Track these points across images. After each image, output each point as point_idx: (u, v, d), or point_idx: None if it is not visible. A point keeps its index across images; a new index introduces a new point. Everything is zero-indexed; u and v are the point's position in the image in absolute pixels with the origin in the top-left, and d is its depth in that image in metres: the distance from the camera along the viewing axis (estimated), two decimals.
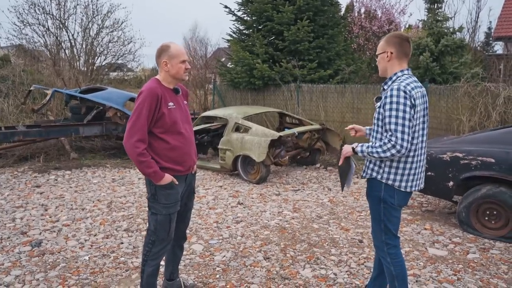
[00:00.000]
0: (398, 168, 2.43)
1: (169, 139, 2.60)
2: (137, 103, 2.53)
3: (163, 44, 2.64)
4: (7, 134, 7.34)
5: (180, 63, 2.61)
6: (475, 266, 3.58)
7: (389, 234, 2.54)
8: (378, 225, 2.57)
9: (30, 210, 5.10)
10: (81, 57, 13.40)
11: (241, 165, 6.73)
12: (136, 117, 2.50)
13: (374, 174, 2.51)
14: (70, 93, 8.45)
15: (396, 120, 2.30)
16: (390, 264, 2.55)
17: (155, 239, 2.68)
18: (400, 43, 2.45)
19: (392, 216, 2.52)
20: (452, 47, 8.61)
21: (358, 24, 12.65)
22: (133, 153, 2.48)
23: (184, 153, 2.69)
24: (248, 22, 11.03)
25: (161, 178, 2.56)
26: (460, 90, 7.14)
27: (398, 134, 2.29)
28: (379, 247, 2.61)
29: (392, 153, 2.32)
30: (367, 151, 2.42)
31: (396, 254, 2.56)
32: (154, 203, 2.65)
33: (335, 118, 8.98)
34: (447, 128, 7.23)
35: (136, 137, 2.48)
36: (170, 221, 2.69)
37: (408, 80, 2.38)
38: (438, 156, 4.60)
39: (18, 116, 9.76)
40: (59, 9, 12.68)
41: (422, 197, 5.73)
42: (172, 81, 2.68)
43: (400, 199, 2.49)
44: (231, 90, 11.33)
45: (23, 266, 3.55)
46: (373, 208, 2.58)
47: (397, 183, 2.44)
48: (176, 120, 2.62)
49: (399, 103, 2.29)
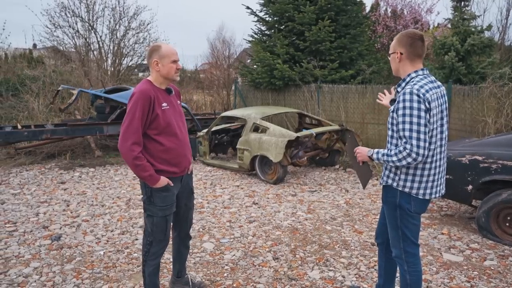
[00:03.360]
0: (415, 175, 2.32)
1: (164, 141, 2.59)
2: (130, 106, 2.51)
3: (154, 44, 2.64)
4: (36, 132, 7.67)
5: (171, 63, 2.59)
6: (491, 274, 3.47)
7: (407, 241, 2.43)
8: (396, 232, 2.46)
9: (53, 205, 5.31)
10: (108, 58, 13.78)
11: (259, 165, 6.76)
12: (129, 120, 2.48)
13: (389, 182, 2.42)
14: (95, 93, 8.72)
15: (410, 126, 2.18)
16: (407, 272, 2.46)
17: (153, 240, 2.69)
18: (411, 44, 2.32)
19: (410, 223, 2.41)
20: (479, 46, 8.30)
21: (382, 23, 12.43)
22: (129, 156, 2.47)
23: (178, 154, 2.68)
24: (269, 22, 11.04)
25: (157, 181, 2.56)
26: (486, 91, 6.91)
27: (413, 142, 2.17)
28: (397, 254, 2.50)
29: (408, 161, 2.21)
30: (383, 159, 2.32)
31: (414, 263, 2.46)
32: (150, 205, 2.65)
33: (355, 119, 8.86)
34: (472, 130, 7.01)
35: (131, 140, 2.47)
36: (166, 222, 2.69)
37: (422, 82, 2.26)
38: (456, 159, 4.49)
39: (48, 115, 10.14)
40: (88, 12, 13.09)
41: (442, 201, 5.59)
42: (164, 81, 2.66)
43: (418, 206, 2.38)
44: (252, 91, 11.37)
45: (42, 258, 3.71)
46: (389, 215, 2.48)
47: (414, 191, 2.34)
48: (170, 121, 2.61)
49: (412, 108, 2.17)
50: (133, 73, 15.11)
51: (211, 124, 7.87)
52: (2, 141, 7.45)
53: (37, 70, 11.42)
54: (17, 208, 5.16)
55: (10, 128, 7.89)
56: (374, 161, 2.41)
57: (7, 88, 10.13)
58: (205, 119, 9.50)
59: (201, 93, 15.36)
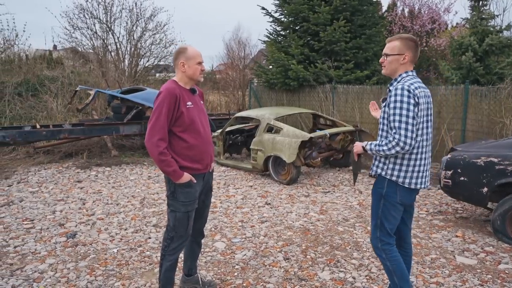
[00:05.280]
0: (402, 165, 2.51)
1: (188, 138, 2.69)
2: (157, 104, 2.62)
3: (181, 47, 2.76)
4: (54, 132, 7.85)
5: (197, 65, 2.72)
6: (505, 277, 3.40)
7: (384, 232, 2.62)
8: (375, 221, 2.65)
9: (69, 203, 5.42)
10: (125, 59, 13.97)
11: (272, 165, 6.77)
12: (156, 117, 2.59)
13: (379, 171, 2.59)
14: (112, 94, 8.86)
15: (400, 118, 2.38)
16: (386, 259, 2.64)
17: (174, 235, 2.78)
18: (415, 48, 2.52)
19: (390, 215, 2.59)
20: (497, 46, 8.16)
21: (399, 23, 12.29)
22: (155, 152, 2.57)
23: (202, 151, 2.77)
24: (284, 23, 11.05)
25: (180, 176, 2.65)
26: (504, 92, 6.77)
27: (402, 131, 2.37)
28: (374, 244, 2.68)
29: (397, 150, 2.41)
30: (375, 149, 2.51)
31: (390, 250, 2.63)
32: (173, 200, 2.75)
33: (370, 119, 8.79)
34: (489, 132, 6.88)
35: (158, 136, 2.57)
36: (188, 218, 2.78)
37: (412, 81, 2.47)
38: (472, 160, 4.42)
39: (66, 115, 10.34)
40: (106, 13, 13.30)
41: (457, 203, 5.50)
42: (189, 81, 2.79)
43: (403, 196, 2.55)
44: (267, 91, 11.40)
45: (57, 255, 3.80)
46: (374, 204, 2.66)
47: (400, 179, 2.52)
48: (194, 119, 2.71)
49: (403, 102, 2.38)
50: (150, 73, 15.30)
51: (226, 125, 7.92)
52: (21, 140, 7.64)
53: (56, 71, 11.67)
54: (34, 206, 5.29)
55: (29, 128, 8.08)
56: (368, 152, 2.59)
57: (27, 89, 10.37)
58: (220, 120, 9.56)
59: (216, 94, 15.46)
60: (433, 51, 12.04)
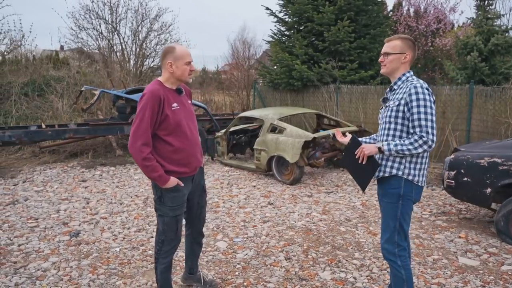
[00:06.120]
0: (417, 163, 2.47)
1: (174, 142, 2.60)
2: (140, 107, 2.51)
3: (168, 46, 2.65)
4: (59, 131, 7.90)
5: (185, 65, 2.61)
6: (508, 279, 3.38)
7: (401, 235, 2.52)
8: (393, 224, 2.50)
9: (73, 202, 5.47)
10: (130, 59, 14.03)
11: (276, 165, 6.77)
12: (139, 120, 2.49)
13: (394, 171, 2.48)
14: (117, 94, 8.91)
15: (425, 116, 2.34)
16: (401, 267, 2.51)
17: (164, 239, 2.74)
18: (414, 48, 2.53)
19: (407, 215, 2.51)
20: (503, 46, 8.08)
21: (404, 23, 12.23)
22: (138, 157, 2.48)
23: (189, 154, 2.69)
24: (288, 23, 11.04)
25: (166, 181, 2.57)
26: (509, 92, 6.71)
27: (429, 130, 2.34)
28: (389, 249, 2.53)
29: (424, 148, 2.35)
30: (395, 149, 2.39)
31: (405, 257, 2.54)
32: (161, 205, 2.69)
33: (374, 120, 8.75)
34: (494, 132, 6.82)
35: (140, 141, 2.48)
36: (177, 222, 2.73)
37: (421, 81, 2.45)
38: (475, 161, 4.39)
39: (71, 115, 10.41)
40: (112, 14, 13.37)
41: (461, 204, 5.47)
42: (176, 82, 2.68)
43: (416, 194, 2.52)
44: (271, 91, 11.39)
45: (60, 254, 3.83)
46: (390, 207, 2.52)
47: (416, 178, 2.48)
48: (180, 122, 2.61)
49: (426, 100, 2.35)
50: (155, 74, 15.36)
51: (229, 125, 7.94)
52: (27, 140, 7.71)
53: (62, 71, 11.76)
54: (39, 204, 5.34)
55: (35, 128, 8.16)
56: (385, 153, 2.43)
57: (33, 89, 10.46)
58: (224, 120, 9.57)
59: (221, 94, 15.48)
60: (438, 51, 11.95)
